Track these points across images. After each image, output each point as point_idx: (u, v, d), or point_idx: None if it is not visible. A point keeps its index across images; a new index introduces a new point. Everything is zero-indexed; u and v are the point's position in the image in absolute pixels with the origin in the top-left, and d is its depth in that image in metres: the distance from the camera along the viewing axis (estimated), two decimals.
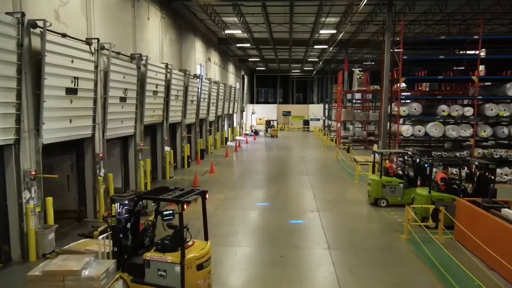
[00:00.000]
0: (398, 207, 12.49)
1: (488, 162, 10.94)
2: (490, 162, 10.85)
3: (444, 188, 11.16)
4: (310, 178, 18.18)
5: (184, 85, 20.31)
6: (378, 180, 13.00)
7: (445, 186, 11.18)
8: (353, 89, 31.35)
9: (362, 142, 31.39)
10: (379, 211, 12.63)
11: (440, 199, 10.86)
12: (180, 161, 20.98)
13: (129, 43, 14.27)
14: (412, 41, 17.18)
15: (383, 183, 12.93)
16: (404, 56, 16.67)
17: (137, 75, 14.23)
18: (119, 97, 13.01)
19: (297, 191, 15.50)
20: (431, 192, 11.03)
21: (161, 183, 17.31)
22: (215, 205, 13.33)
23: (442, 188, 11.17)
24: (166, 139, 18.13)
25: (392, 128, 18.19)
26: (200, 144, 24.79)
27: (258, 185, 16.93)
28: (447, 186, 11.17)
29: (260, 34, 28.93)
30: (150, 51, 16.31)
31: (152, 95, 15.95)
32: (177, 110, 19.92)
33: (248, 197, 14.56)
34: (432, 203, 10.81)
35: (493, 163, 10.75)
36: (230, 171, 20.24)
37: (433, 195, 10.99)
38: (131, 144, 14.64)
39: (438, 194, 11.01)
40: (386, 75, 17.98)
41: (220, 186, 16.52)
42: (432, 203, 10.81)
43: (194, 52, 23.88)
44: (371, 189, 13.36)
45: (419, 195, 11.37)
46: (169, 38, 19.01)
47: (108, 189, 12.23)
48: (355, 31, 26.89)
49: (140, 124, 15.17)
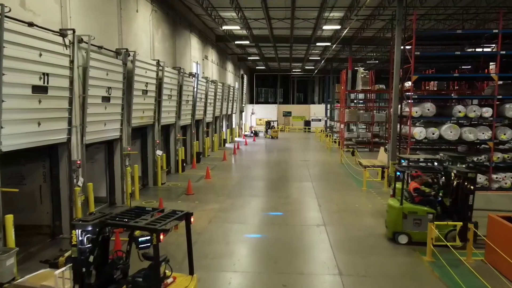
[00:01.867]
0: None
1: (467, 170, 9.59)
2: (469, 170, 9.48)
3: (419, 199, 9.75)
4: (314, 185, 16.77)
5: (178, 84, 18.92)
6: (398, 207, 9.69)
7: (419, 197, 9.77)
8: (357, 89, 29.91)
9: (366, 144, 29.99)
10: None
11: (413, 211, 9.54)
12: (174, 165, 19.57)
13: (114, 36, 12.86)
14: (425, 36, 15.78)
15: (404, 213, 9.62)
16: (416, 52, 15.26)
17: (123, 72, 12.84)
18: (102, 97, 11.60)
19: (300, 201, 14.09)
20: (403, 204, 9.62)
21: (153, 190, 15.92)
22: (209, 217, 11.92)
23: (416, 200, 9.75)
24: (157, 142, 16.73)
25: (402, 130, 16.78)
26: (196, 146, 23.38)
27: (257, 192, 15.52)
28: (421, 197, 9.76)
29: (260, 31, 27.53)
30: (139, 47, 14.91)
31: (141, 95, 14.54)
32: (171, 110, 18.52)
33: (246, 208, 13.15)
34: (404, 217, 9.54)
35: (473, 172, 9.41)
36: (227, 176, 18.83)
37: (405, 207, 9.61)
38: (117, 148, 13.24)
39: (410, 206, 9.64)
40: (396, 73, 16.57)
41: (216, 193, 15.11)
42: (404, 217, 9.54)
43: (190, 49, 22.47)
44: (388, 219, 10.22)
45: (390, 206, 9.95)
46: (162, 33, 17.60)
47: (87, 200, 10.83)
48: (360, 27, 25.50)
49: (128, 126, 13.77)
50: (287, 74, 55.75)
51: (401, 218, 9.58)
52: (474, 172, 9.41)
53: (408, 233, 9.59)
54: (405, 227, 9.59)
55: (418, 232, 9.46)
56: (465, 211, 9.30)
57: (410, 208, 9.58)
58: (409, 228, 9.56)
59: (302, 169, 20.81)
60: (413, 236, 9.55)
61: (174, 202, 13.73)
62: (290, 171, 20.65)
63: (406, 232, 9.61)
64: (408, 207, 9.62)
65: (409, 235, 9.61)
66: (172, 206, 13.52)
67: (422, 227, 9.36)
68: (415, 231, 9.51)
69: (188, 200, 14.11)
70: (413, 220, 9.51)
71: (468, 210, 9.29)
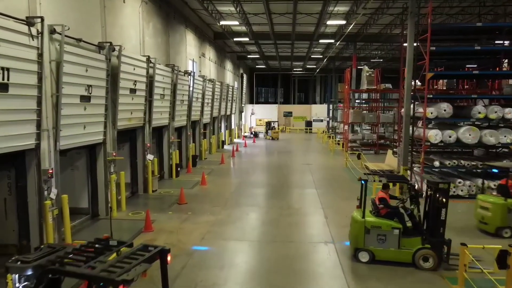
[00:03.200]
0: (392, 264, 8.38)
1: (439, 180, 8.39)
2: (442, 181, 8.29)
3: (385, 212, 8.64)
4: (319, 192, 15.38)
5: (172, 82, 17.54)
6: (360, 221, 8.55)
7: (385, 210, 8.65)
8: (362, 88, 28.53)
9: (371, 146, 28.60)
10: None
11: (376, 226, 8.41)
12: (167, 170, 18.18)
13: (96, 29, 11.47)
14: (442, 30, 14.35)
15: (367, 227, 8.47)
16: (432, 47, 13.86)
17: (107, 69, 11.46)
18: (80, 96, 10.22)
19: (304, 212, 12.69)
20: (365, 217, 8.56)
21: (142, 198, 14.53)
22: (202, 232, 10.53)
23: (382, 212, 8.65)
24: (148, 146, 15.34)
25: (415, 132, 15.37)
26: (192, 149, 21.99)
27: (256, 201, 14.13)
28: (388, 210, 8.63)
29: (260, 27, 26.13)
30: (127, 41, 13.52)
31: (128, 94, 13.16)
32: (164, 111, 17.15)
33: (244, 220, 11.76)
34: (366, 231, 8.44)
35: (445, 182, 8.24)
36: (225, 182, 17.43)
37: (368, 220, 8.51)
38: (100, 154, 11.84)
39: (374, 220, 8.53)
40: (409, 70, 15.16)
41: (211, 202, 13.73)
42: (366, 231, 8.44)
43: (185, 46, 21.08)
44: (350, 233, 9.02)
45: (353, 219, 8.83)
46: (153, 27, 16.21)
47: (62, 214, 9.45)
48: (366, 23, 24.10)
49: (113, 129, 12.38)
50: (288, 73, 54.32)
51: (363, 233, 8.47)
52: (446, 183, 8.25)
53: (371, 250, 8.46)
54: (367, 243, 8.46)
55: (382, 250, 8.38)
56: (437, 227, 8.19)
57: (373, 222, 8.47)
58: (372, 245, 8.44)
59: (305, 174, 19.42)
60: (377, 253, 8.43)
61: (164, 213, 12.34)
62: (292, 176, 19.26)
63: (368, 249, 8.47)
64: (371, 220, 8.51)
65: (372, 252, 8.46)
66: (162, 218, 12.17)
67: (387, 244, 8.34)
68: (378, 248, 8.40)
69: (180, 210, 12.73)
70: (377, 236, 8.40)
71: (440, 226, 8.17)
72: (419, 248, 8.19)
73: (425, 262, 8.17)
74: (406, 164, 15.48)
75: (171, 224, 11.29)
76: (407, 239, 8.28)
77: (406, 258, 8.26)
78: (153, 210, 12.58)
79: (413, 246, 8.22)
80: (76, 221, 11.11)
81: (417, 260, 8.18)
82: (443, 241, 8.18)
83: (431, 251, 8.12)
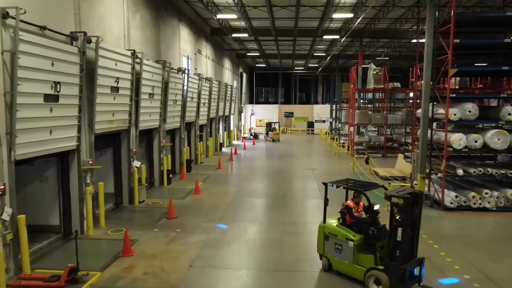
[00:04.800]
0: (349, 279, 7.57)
1: (396, 194, 7.07)
2: (398, 195, 7.01)
3: (349, 221, 7.83)
4: None
5: (162, 80, 15.86)
6: (321, 225, 8.20)
7: (350, 219, 7.81)
8: (368, 87, 26.84)
9: (378, 149, 26.90)
10: None
11: (333, 233, 7.86)
12: (158, 177, 16.50)
13: (66, 16, 9.78)
14: (467, 20, 12.60)
15: (325, 233, 8.01)
16: (455, 40, 12.18)
17: (81, 63, 9.80)
18: (44, 95, 8.54)
19: (311, 229, 10.90)
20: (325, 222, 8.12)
21: (127, 211, 12.85)
22: (191, 257, 8.85)
23: (347, 221, 7.87)
24: (134, 151, 13.66)
25: (434, 136, 13.68)
26: (187, 153, 20.31)
27: (255, 215, 12.43)
28: (353, 220, 7.78)
29: (260, 22, 24.45)
30: (108, 32, 11.84)
31: (109, 93, 11.48)
32: (153, 112, 15.47)
33: (241, 240, 10.06)
34: (325, 238, 7.99)
35: (401, 197, 6.90)
36: (221, 191, 15.73)
37: (326, 226, 8.05)
38: (73, 162, 10.16)
39: (331, 227, 7.95)
40: (428, 66, 13.49)
41: (205, 216, 12.05)
42: (325, 238, 7.99)
43: (179, 41, 19.40)
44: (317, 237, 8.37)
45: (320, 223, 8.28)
46: (140, 19, 14.53)
47: (19, 238, 7.77)
48: (374, 17, 22.40)
49: (89, 133, 10.70)
50: (289, 72, 52.66)
51: (322, 239, 8.08)
52: (402, 198, 6.86)
53: (329, 258, 7.99)
54: (326, 250, 8.03)
55: (337, 260, 7.81)
56: (393, 249, 6.99)
57: (331, 229, 7.96)
58: (330, 253, 7.95)
59: (309, 181, 17.73)
60: (333, 263, 7.93)
61: (149, 231, 10.65)
62: (295, 183, 17.57)
63: (327, 256, 8.02)
64: (329, 227, 8.01)
65: (329, 260, 7.99)
66: (145, 237, 10.42)
67: (342, 255, 7.70)
68: (335, 257, 7.85)
69: (168, 227, 11.04)
70: (334, 244, 7.84)
71: (395, 248, 6.96)
72: (371, 267, 7.22)
73: (377, 285, 7.08)
74: (424, 171, 13.79)
75: (156, 245, 9.60)
76: (363, 255, 7.41)
77: (359, 276, 7.41)
78: (136, 227, 10.93)
79: (367, 264, 7.32)
80: (44, 242, 9.44)
81: (366, 280, 7.26)
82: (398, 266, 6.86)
83: (383, 273, 6.98)
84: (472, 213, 12.46)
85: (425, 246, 9.52)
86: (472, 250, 9.42)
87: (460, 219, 11.92)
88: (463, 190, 13.30)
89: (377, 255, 7.18)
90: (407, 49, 33.89)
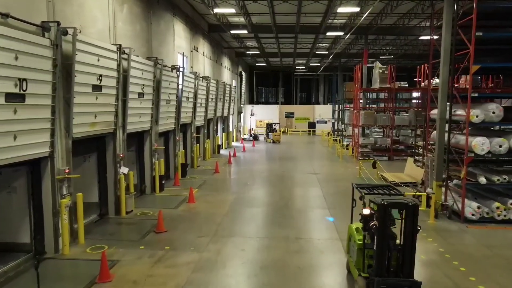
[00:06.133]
0: None
1: (373, 200, 6.37)
2: (375, 201, 6.27)
3: None
4: (332, 214, 12.43)
5: (154, 79, 14.59)
6: (348, 226, 8.03)
7: None
8: (374, 87, 25.56)
9: (384, 152, 25.60)
10: None
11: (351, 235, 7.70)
12: (149, 183, 15.21)
13: (37, 3, 8.51)
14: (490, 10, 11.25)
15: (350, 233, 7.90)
16: (478, 33, 10.89)
17: (54, 57, 8.53)
18: (5, 94, 7.25)
19: (317, 246, 9.68)
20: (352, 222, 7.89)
21: (112, 223, 11.57)
22: (179, 283, 7.57)
23: None
24: (121, 156, 12.38)
25: (452, 140, 12.38)
26: (182, 157, 19.02)
27: (254, 229, 11.11)
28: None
29: (260, 18, 23.18)
30: (89, 24, 10.57)
31: (90, 92, 10.19)
32: (143, 113, 14.21)
33: (237, 262, 8.76)
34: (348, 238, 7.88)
35: (376, 203, 6.18)
36: (217, 199, 14.44)
37: (350, 227, 7.85)
38: (46, 171, 8.89)
39: (352, 230, 7.61)
40: (445, 62, 12.22)
41: (198, 230, 10.78)
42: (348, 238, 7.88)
43: (173, 37, 18.12)
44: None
45: None
46: (129, 11, 13.25)
47: None
48: (380, 12, 21.13)
49: (66, 138, 9.43)
50: (290, 71, 51.39)
51: (348, 238, 7.95)
52: (376, 204, 6.13)
53: (348, 258, 7.98)
54: (349, 250, 7.91)
55: (350, 261, 7.65)
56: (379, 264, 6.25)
57: (351, 230, 7.67)
58: (350, 253, 7.75)
59: (313, 188, 16.44)
60: (350, 265, 7.72)
61: (133, 248, 9.37)
62: (297, 190, 16.28)
63: (349, 256, 7.90)
64: (351, 228, 7.69)
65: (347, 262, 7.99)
66: (129, 256, 9.11)
67: (353, 256, 7.41)
68: (350, 258, 7.69)
69: (156, 243, 9.76)
70: (351, 245, 7.60)
71: (380, 262, 6.22)
72: (359, 273, 6.88)
73: None
74: (440, 179, 12.51)
75: (140, 267, 8.32)
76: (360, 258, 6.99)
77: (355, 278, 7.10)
78: (120, 243, 9.65)
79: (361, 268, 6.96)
80: (10, 264, 8.17)
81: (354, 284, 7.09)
82: (371, 277, 6.37)
83: (363, 282, 6.54)
84: (497, 226, 11.19)
85: (451, 270, 8.25)
86: (508, 274, 8.13)
87: (485, 234, 10.63)
88: (484, 200, 12.02)
89: (365, 261, 6.77)
90: (413, 47, 32.62)
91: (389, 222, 6.10)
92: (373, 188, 7.59)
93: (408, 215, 6.05)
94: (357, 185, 7.96)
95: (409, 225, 6.00)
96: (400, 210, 6.12)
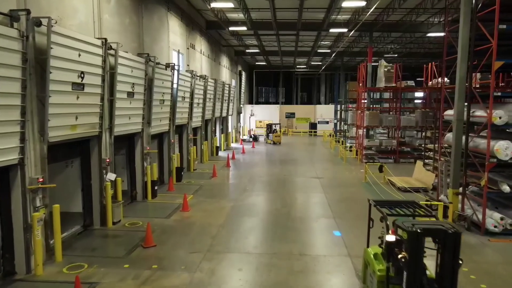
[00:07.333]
0: None
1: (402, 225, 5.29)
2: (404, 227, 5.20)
3: None
4: (338, 224, 11.34)
5: (145, 77, 13.52)
6: (365, 249, 6.86)
7: None
8: (378, 86, 24.47)
9: (390, 154, 24.52)
10: None
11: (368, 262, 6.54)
12: (141, 189, 14.13)
13: None
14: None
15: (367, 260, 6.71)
16: (502, 26, 9.82)
17: (23, 51, 7.45)
18: None
19: (324, 266, 8.60)
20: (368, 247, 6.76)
21: (96, 236, 10.47)
22: None
23: None
24: (108, 161, 11.29)
25: (470, 143, 11.29)
26: (177, 160, 17.94)
27: (253, 243, 10.00)
28: None
29: (260, 14, 22.09)
30: (69, 15, 9.49)
31: (70, 91, 9.12)
32: (134, 114, 13.13)
33: (232, 285, 7.67)
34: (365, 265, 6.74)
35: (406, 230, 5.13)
36: (213, 207, 13.35)
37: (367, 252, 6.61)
38: (15, 181, 7.81)
39: (369, 255, 6.44)
40: (463, 59, 11.15)
41: (190, 245, 9.69)
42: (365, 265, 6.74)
43: (167, 33, 17.04)
44: None
45: None
46: (116, 3, 12.17)
47: None
48: (386, 7, 20.05)
49: (40, 142, 8.35)
50: (291, 71, 50.30)
51: (364, 265, 6.80)
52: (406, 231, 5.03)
53: None
54: (365, 279, 6.73)
55: None
56: None
57: (369, 257, 6.51)
58: (367, 283, 6.64)
59: (316, 194, 15.37)
60: None
61: (116, 267, 8.28)
62: (299, 196, 15.19)
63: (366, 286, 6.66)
64: (368, 253, 6.53)
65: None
66: (110, 278, 7.91)
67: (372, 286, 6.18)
68: None
69: (143, 261, 8.67)
70: (369, 274, 6.48)
71: None
72: None
73: None
74: (457, 186, 11.44)
75: None
76: None
77: None
78: (102, 261, 8.56)
79: None
80: None
81: None
82: None
83: None
84: None
85: None
86: None
87: (511, 249, 9.55)
88: (506, 210, 10.95)
89: None
90: (418, 45, 31.55)
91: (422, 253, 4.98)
92: (395, 206, 6.48)
93: (447, 245, 4.91)
94: (375, 202, 6.75)
95: (448, 257, 4.87)
96: (437, 238, 4.98)
